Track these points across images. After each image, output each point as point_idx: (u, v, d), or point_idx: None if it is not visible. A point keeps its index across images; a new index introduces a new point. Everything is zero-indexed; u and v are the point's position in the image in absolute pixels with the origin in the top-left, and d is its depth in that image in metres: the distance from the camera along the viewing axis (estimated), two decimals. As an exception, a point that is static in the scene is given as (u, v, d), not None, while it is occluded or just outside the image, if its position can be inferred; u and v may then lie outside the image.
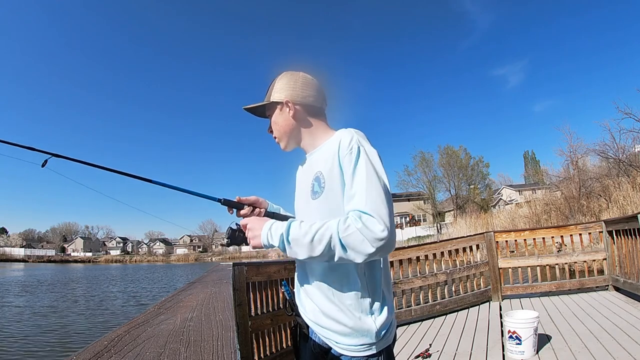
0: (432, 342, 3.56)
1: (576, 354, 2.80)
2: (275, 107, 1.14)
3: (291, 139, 1.15)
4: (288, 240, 0.93)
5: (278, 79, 1.16)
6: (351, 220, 0.86)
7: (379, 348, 0.99)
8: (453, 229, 28.63)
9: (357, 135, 1.00)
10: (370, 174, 0.92)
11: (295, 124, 1.13)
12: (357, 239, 0.84)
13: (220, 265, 3.30)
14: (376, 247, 0.84)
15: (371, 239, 0.84)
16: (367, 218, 0.85)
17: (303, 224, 0.94)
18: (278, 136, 1.16)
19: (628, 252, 4.27)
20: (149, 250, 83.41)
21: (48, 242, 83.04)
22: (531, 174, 43.25)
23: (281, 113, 1.14)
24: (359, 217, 0.86)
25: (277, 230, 0.96)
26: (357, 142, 0.97)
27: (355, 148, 0.95)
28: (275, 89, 1.14)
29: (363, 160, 0.94)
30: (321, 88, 1.18)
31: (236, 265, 2.79)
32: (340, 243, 0.86)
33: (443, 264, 4.94)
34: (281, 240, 0.94)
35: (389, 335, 1.02)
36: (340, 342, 1.00)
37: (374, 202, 0.88)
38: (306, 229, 0.91)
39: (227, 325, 0.97)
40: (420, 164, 41.55)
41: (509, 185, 44.32)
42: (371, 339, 0.98)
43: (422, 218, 45.42)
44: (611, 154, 19.11)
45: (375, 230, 0.84)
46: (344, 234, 0.85)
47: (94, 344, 0.76)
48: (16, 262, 64.27)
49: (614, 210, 14.65)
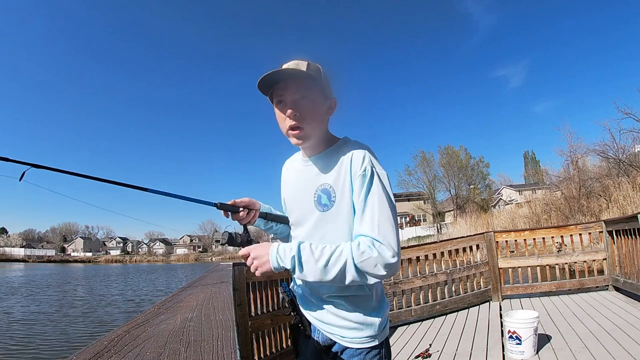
0: (432, 342, 3.56)
1: (576, 354, 2.80)
2: (321, 95, 1.04)
3: (313, 136, 1.05)
4: (301, 263, 0.94)
5: (322, 69, 1.06)
6: (365, 247, 0.91)
7: (380, 339, 1.05)
8: (453, 229, 28.63)
9: (369, 156, 0.99)
10: (382, 199, 0.95)
11: (325, 123, 1.08)
12: (371, 265, 0.90)
13: (220, 265, 3.31)
14: (387, 271, 0.91)
15: (383, 264, 0.90)
16: (379, 245, 0.90)
17: (313, 246, 0.95)
18: (312, 126, 1.02)
19: (628, 252, 4.27)
20: (148, 250, 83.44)
21: (48, 242, 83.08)
22: (531, 174, 43.29)
23: (324, 105, 1.05)
24: (372, 244, 0.91)
25: (285, 252, 0.96)
26: (370, 163, 0.98)
27: (369, 170, 0.96)
28: (325, 78, 1.05)
29: (376, 186, 0.96)
30: None
31: (236, 265, 2.79)
32: (355, 268, 0.91)
33: (443, 264, 4.94)
34: (293, 262, 0.94)
35: (386, 326, 1.10)
36: (345, 336, 1.03)
37: (385, 229, 0.92)
38: (319, 253, 0.93)
39: (227, 325, 0.97)
40: (420, 163, 41.56)
41: (509, 185, 44.30)
42: (374, 331, 1.04)
43: (422, 218, 45.41)
44: (611, 154, 19.15)
45: (386, 256, 0.90)
46: (359, 259, 0.90)
47: (94, 344, 0.76)
48: (16, 262, 64.28)
49: (614, 210, 14.65)
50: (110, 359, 0.67)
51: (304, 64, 1.01)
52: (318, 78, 1.02)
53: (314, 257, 0.92)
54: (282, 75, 1.00)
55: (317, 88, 1.03)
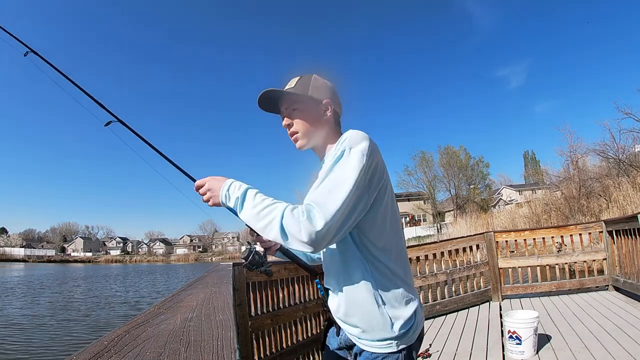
0: (432, 342, 3.56)
1: (576, 354, 2.80)
2: (309, 104, 1.12)
3: (312, 139, 1.14)
4: (242, 205, 0.96)
5: (313, 78, 1.15)
6: (299, 211, 0.89)
7: (399, 346, 0.99)
8: (453, 229, 28.62)
9: (350, 138, 0.98)
10: (340, 174, 0.92)
11: (324, 126, 1.13)
12: (295, 227, 0.87)
13: (220, 265, 3.31)
14: (309, 238, 0.86)
15: (308, 231, 0.86)
16: (314, 213, 0.87)
17: (258, 194, 0.96)
18: (302, 132, 1.12)
19: (628, 252, 4.28)
20: (148, 250, 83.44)
21: (48, 242, 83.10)
22: (531, 174, 43.24)
23: (315, 111, 1.12)
24: (309, 210, 0.88)
25: (234, 192, 0.98)
26: (347, 144, 0.96)
27: (340, 150, 0.96)
28: (314, 86, 1.13)
29: (340, 163, 0.94)
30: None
31: (236, 265, 2.79)
32: (280, 226, 0.88)
33: (443, 264, 4.94)
34: (235, 202, 0.97)
35: (410, 334, 1.01)
36: (361, 338, 1.03)
37: (327, 201, 0.89)
38: (258, 201, 0.94)
39: (227, 325, 0.97)
40: (420, 163, 41.55)
41: (509, 185, 44.32)
42: (388, 334, 0.99)
43: (422, 218, 45.41)
44: (611, 154, 19.18)
45: (316, 224, 0.86)
46: (287, 219, 0.88)
47: (94, 344, 0.76)
48: (16, 262, 64.30)
49: (614, 210, 14.66)
50: (110, 359, 0.67)
51: (295, 80, 1.15)
52: (303, 90, 1.12)
53: (253, 203, 0.94)
54: (274, 96, 1.13)
55: (304, 99, 1.12)
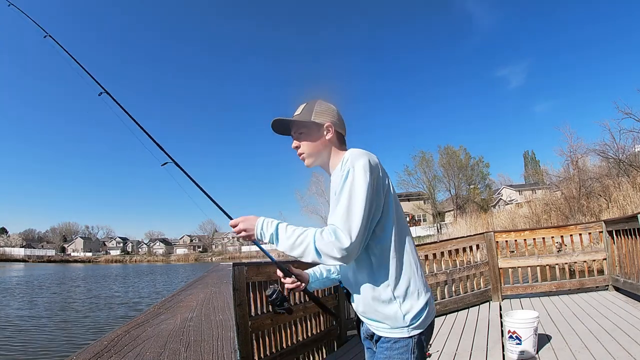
0: (432, 342, 3.56)
1: (576, 354, 2.80)
2: (313, 128, 1.28)
3: (318, 159, 1.31)
4: (277, 239, 1.13)
5: (317, 104, 1.31)
6: (326, 233, 1.07)
7: (410, 333, 1.13)
8: (453, 229, 28.62)
9: (349, 157, 1.14)
10: (351, 194, 1.09)
11: (328, 146, 1.29)
12: (328, 248, 1.06)
13: (220, 265, 3.31)
14: (341, 254, 1.05)
15: (338, 248, 1.05)
16: (339, 232, 1.06)
17: (289, 227, 1.13)
18: (308, 153, 1.30)
19: (628, 252, 4.28)
20: (148, 250, 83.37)
21: (48, 242, 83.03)
22: (531, 174, 43.23)
23: (318, 134, 1.28)
24: (334, 231, 1.06)
25: (268, 229, 1.15)
26: (349, 164, 1.12)
27: (345, 171, 1.12)
28: (317, 111, 1.29)
29: (349, 182, 1.10)
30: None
31: (236, 266, 2.79)
32: (315, 249, 1.07)
33: (443, 264, 4.94)
34: (271, 238, 1.14)
35: (420, 322, 1.14)
36: (377, 328, 1.18)
37: (346, 220, 1.06)
38: (290, 233, 1.11)
39: (227, 325, 0.97)
40: (420, 163, 41.57)
41: (509, 185, 44.32)
42: (399, 322, 1.13)
43: (422, 218, 45.44)
44: (611, 154, 19.14)
45: (342, 242, 1.05)
46: (319, 243, 1.06)
47: (94, 344, 0.76)
48: (16, 262, 64.26)
49: (614, 210, 14.64)
50: (110, 359, 0.67)
51: (302, 107, 1.32)
52: (307, 116, 1.28)
53: (286, 235, 1.11)
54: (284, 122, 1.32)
55: (308, 124, 1.29)
